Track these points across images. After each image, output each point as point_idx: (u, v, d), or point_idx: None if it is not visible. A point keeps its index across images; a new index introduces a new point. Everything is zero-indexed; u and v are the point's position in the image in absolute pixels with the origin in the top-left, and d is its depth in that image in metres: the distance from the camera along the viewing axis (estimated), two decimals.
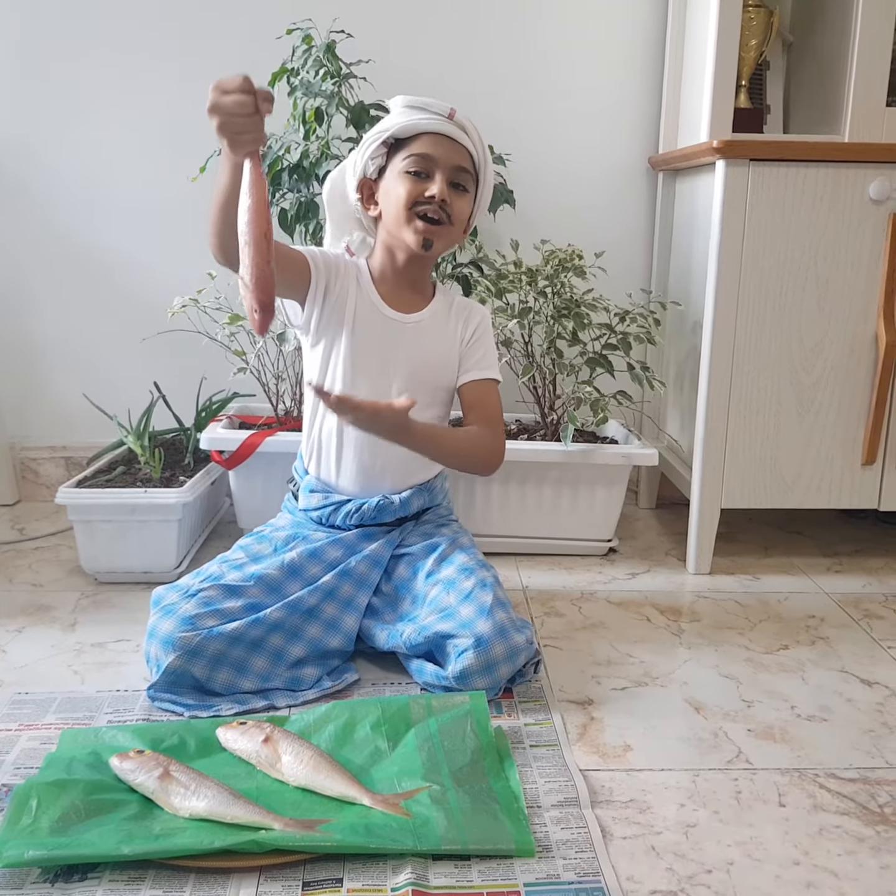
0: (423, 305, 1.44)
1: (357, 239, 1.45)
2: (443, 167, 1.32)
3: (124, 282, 2.02)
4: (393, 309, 1.41)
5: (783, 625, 1.52)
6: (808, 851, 0.96)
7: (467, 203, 1.37)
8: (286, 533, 1.41)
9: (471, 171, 1.36)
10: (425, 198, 1.31)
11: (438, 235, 1.34)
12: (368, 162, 1.36)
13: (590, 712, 1.23)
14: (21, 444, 2.09)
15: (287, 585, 1.31)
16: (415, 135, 1.32)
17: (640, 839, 0.98)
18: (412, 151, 1.32)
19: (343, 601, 1.33)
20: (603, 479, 1.75)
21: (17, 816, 0.94)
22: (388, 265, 1.41)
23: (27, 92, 1.92)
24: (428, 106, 1.34)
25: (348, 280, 1.40)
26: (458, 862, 0.93)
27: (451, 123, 1.33)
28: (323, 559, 1.36)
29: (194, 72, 1.91)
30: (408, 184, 1.32)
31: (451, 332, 1.45)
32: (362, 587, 1.35)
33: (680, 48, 1.90)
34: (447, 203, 1.32)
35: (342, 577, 1.34)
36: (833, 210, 1.58)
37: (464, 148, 1.34)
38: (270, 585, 1.30)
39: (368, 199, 1.39)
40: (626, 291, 1.91)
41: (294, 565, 1.33)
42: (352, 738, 1.11)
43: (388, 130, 1.33)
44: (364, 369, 1.40)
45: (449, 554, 1.38)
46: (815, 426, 1.67)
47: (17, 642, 1.40)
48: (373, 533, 1.41)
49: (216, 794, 0.97)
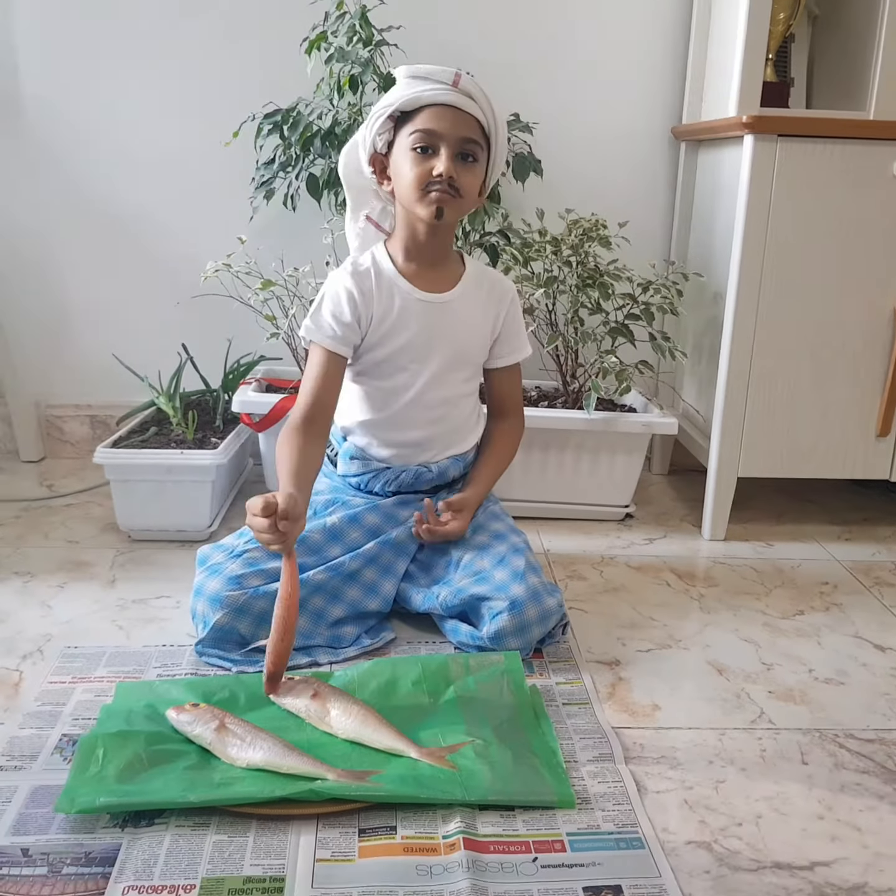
0: (454, 281, 1.44)
1: (377, 208, 1.46)
2: (448, 141, 1.29)
3: (153, 243, 2.04)
4: (423, 290, 1.41)
5: (798, 591, 1.58)
6: (832, 807, 1.02)
7: (475, 175, 1.34)
8: (325, 497, 1.45)
9: (478, 139, 1.32)
10: (433, 177, 1.29)
11: (449, 205, 1.32)
12: (376, 137, 1.35)
13: (617, 672, 1.29)
14: (46, 402, 2.12)
15: (328, 548, 1.36)
16: (419, 107, 1.30)
17: (673, 793, 1.03)
18: (416, 127, 1.30)
19: (383, 567, 1.38)
20: (623, 447, 1.79)
21: (85, 765, 0.99)
22: (411, 240, 1.40)
23: (55, 52, 1.92)
24: (431, 75, 1.30)
25: (368, 300, 1.39)
26: (504, 812, 0.98)
27: (456, 92, 1.29)
28: (362, 524, 1.40)
29: (227, 33, 1.92)
30: (415, 164, 1.30)
31: (483, 309, 1.46)
32: (401, 555, 1.40)
33: (706, 19, 1.91)
34: (454, 179, 1.30)
35: (383, 545, 1.38)
36: (857, 186, 1.61)
37: (470, 116, 1.30)
38: (311, 548, 1.35)
39: (381, 173, 1.38)
40: (649, 261, 1.93)
41: (335, 529, 1.38)
42: (395, 694, 1.16)
43: (392, 105, 1.31)
44: (403, 356, 1.41)
45: (481, 521, 1.44)
46: (833, 397, 1.71)
47: (61, 597, 1.45)
48: (409, 500, 1.45)
49: (271, 745, 1.02)
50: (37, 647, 1.29)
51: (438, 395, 1.44)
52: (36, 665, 1.25)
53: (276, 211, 1.86)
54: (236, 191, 1.91)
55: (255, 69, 1.94)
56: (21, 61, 1.93)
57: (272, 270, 1.82)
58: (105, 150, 1.98)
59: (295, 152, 1.73)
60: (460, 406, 1.48)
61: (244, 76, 1.94)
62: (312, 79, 1.77)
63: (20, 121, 1.96)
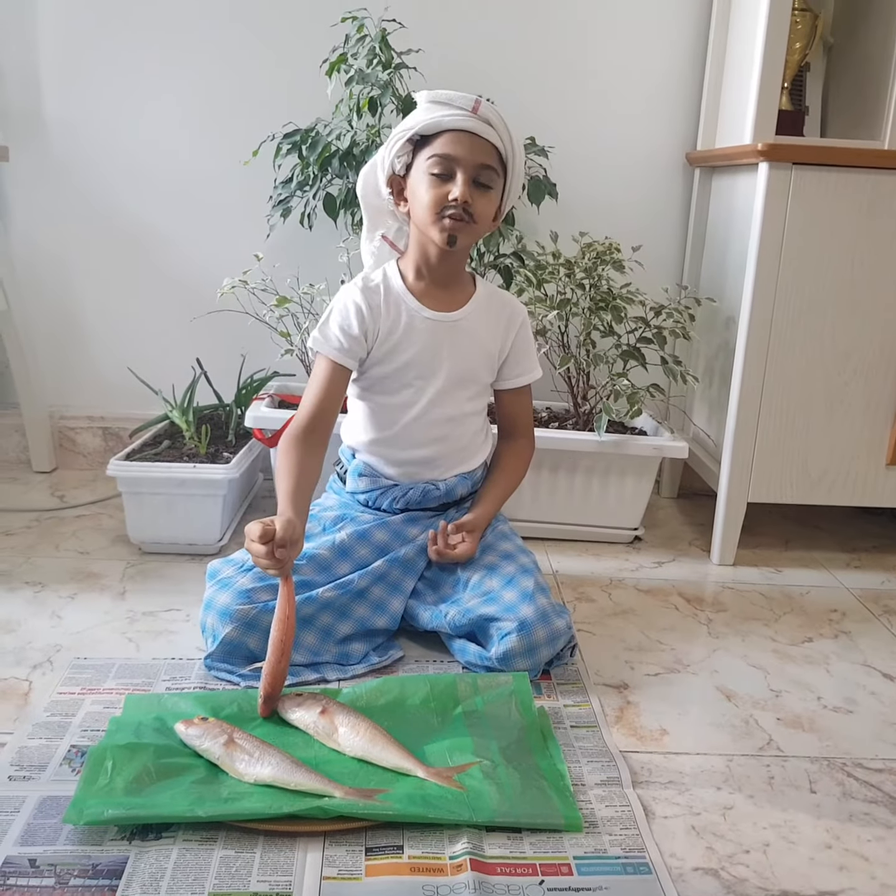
0: (463, 302, 1.45)
1: (393, 228, 1.48)
2: (465, 166, 1.31)
3: (170, 259, 2.06)
4: (431, 309, 1.43)
5: (806, 618, 1.57)
6: (840, 836, 1.02)
7: (490, 201, 1.36)
8: (334, 513, 1.46)
9: (495, 166, 1.34)
10: (448, 201, 1.31)
11: (462, 231, 1.34)
12: (395, 160, 1.37)
13: (625, 696, 1.28)
14: (60, 413, 2.13)
15: (337, 565, 1.37)
16: (438, 132, 1.32)
17: (681, 819, 1.03)
18: (434, 151, 1.32)
19: (391, 584, 1.38)
20: (633, 470, 1.79)
21: (94, 777, 0.99)
22: (423, 262, 1.42)
23: (75, 69, 1.95)
24: (452, 101, 1.32)
25: (376, 315, 1.41)
26: (511, 834, 0.98)
27: (475, 118, 1.31)
28: (371, 541, 1.41)
29: (248, 54, 1.95)
30: (431, 187, 1.32)
31: (492, 330, 1.48)
32: (409, 572, 1.41)
33: (722, 47, 1.92)
34: (469, 204, 1.32)
35: (391, 563, 1.39)
36: (871, 215, 1.62)
37: (488, 143, 1.32)
38: (321, 564, 1.35)
39: (398, 194, 1.40)
40: (661, 285, 1.94)
41: (344, 546, 1.38)
42: (403, 713, 1.16)
43: (412, 129, 1.33)
44: (409, 373, 1.43)
45: (490, 541, 1.44)
46: (843, 425, 1.71)
47: (71, 608, 1.45)
48: (417, 517, 1.46)
49: (279, 761, 1.02)
50: (46, 658, 1.30)
51: (444, 413, 1.45)
52: (45, 675, 1.25)
53: (293, 229, 1.88)
54: (254, 209, 1.93)
55: (275, 90, 1.96)
56: (43, 81, 1.95)
57: (287, 287, 1.83)
58: (123, 168, 2.01)
59: (313, 172, 1.75)
60: (466, 424, 1.48)
61: (264, 96, 1.96)
62: (332, 100, 1.79)
63: (41, 139, 1.98)
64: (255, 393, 1.89)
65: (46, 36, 1.93)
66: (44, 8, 1.91)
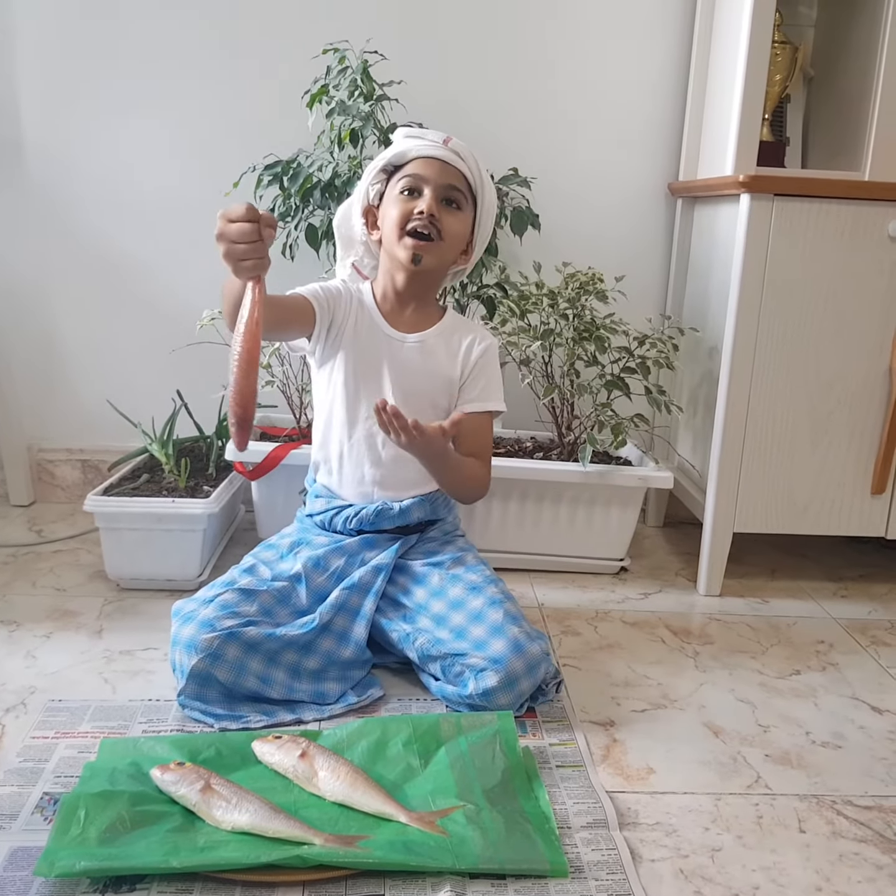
0: (428, 326, 1.48)
1: (363, 258, 1.51)
2: (433, 185, 1.38)
3: (149, 289, 2.04)
4: (395, 329, 1.46)
5: (794, 650, 1.56)
6: (830, 878, 1.00)
7: (459, 221, 1.41)
8: (291, 539, 1.48)
9: (463, 190, 1.41)
10: (415, 214, 1.37)
11: (427, 250, 1.38)
12: (369, 188, 1.44)
13: (612, 734, 1.26)
14: (38, 446, 2.10)
15: (295, 595, 1.37)
16: (410, 160, 1.40)
17: (668, 862, 1.01)
18: (405, 173, 1.39)
19: (352, 611, 1.37)
20: (618, 500, 1.78)
21: (66, 826, 0.96)
22: (390, 286, 1.46)
23: (55, 96, 1.94)
24: (424, 135, 1.42)
25: (350, 306, 1.46)
26: (495, 881, 0.95)
27: (445, 149, 1.39)
28: (326, 567, 1.41)
29: (229, 84, 1.94)
30: (400, 204, 1.38)
31: (452, 356, 1.48)
32: (368, 594, 1.39)
33: (703, 78, 1.93)
34: (436, 218, 1.37)
35: (349, 590, 1.38)
36: (853, 246, 1.62)
37: (457, 170, 1.40)
38: (281, 593, 1.36)
39: (372, 225, 1.46)
40: (645, 315, 1.94)
41: (299, 576, 1.39)
42: (384, 755, 1.14)
43: (385, 157, 1.42)
44: (364, 388, 1.45)
45: (454, 571, 1.42)
46: (828, 455, 1.71)
47: (46, 648, 1.42)
48: (374, 541, 1.45)
49: (258, 808, 1.00)
50: (20, 700, 1.27)
51: None
52: (19, 718, 1.22)
53: (275, 260, 1.85)
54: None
55: (256, 120, 1.96)
56: (23, 109, 1.94)
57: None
58: (104, 197, 1.99)
59: (294, 203, 1.74)
60: None
61: (245, 127, 1.96)
62: (313, 131, 1.79)
63: (20, 167, 1.97)
64: None
65: (26, 63, 1.92)
66: (23, 35, 1.90)
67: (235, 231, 1.05)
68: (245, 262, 1.07)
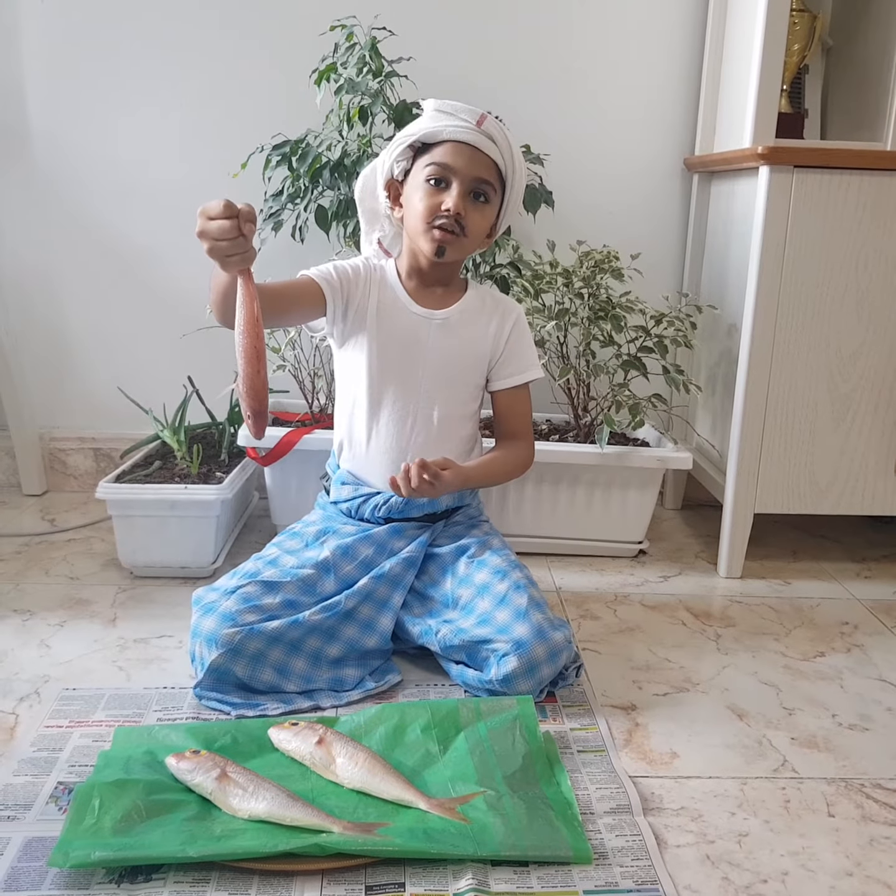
0: (454, 302, 1.44)
1: (389, 234, 1.46)
2: (461, 178, 1.31)
3: (159, 275, 2.02)
4: (421, 305, 1.42)
5: (818, 631, 1.53)
6: (860, 862, 0.97)
7: (484, 216, 1.36)
8: (317, 528, 1.44)
9: (493, 181, 1.34)
10: (441, 211, 1.31)
11: (451, 244, 1.34)
12: (394, 164, 1.37)
13: (634, 718, 1.24)
14: (50, 435, 2.09)
15: (321, 583, 1.34)
16: (439, 141, 1.32)
17: (694, 847, 0.99)
18: (433, 160, 1.32)
19: (379, 602, 1.34)
20: (636, 482, 1.75)
21: (81, 816, 0.95)
22: (414, 266, 1.42)
23: (60, 84, 1.92)
24: (457, 111, 1.32)
25: (370, 284, 1.41)
26: (517, 868, 0.93)
27: (478, 132, 1.31)
28: (355, 556, 1.37)
29: (235, 64, 1.91)
30: (426, 195, 1.32)
31: (483, 329, 1.45)
32: (397, 588, 1.36)
33: (719, 50, 1.89)
34: (462, 216, 1.31)
35: (378, 579, 1.35)
36: (874, 218, 1.58)
37: (488, 157, 1.32)
38: (306, 583, 1.32)
39: (395, 199, 1.40)
40: (661, 293, 1.91)
41: (327, 563, 1.35)
42: (403, 741, 1.12)
43: (414, 135, 1.33)
44: (391, 368, 1.41)
45: (480, 556, 1.39)
46: (851, 433, 1.67)
47: (60, 636, 1.41)
48: (402, 529, 1.42)
49: (274, 795, 0.98)
50: (34, 689, 1.25)
51: (427, 414, 1.42)
52: (33, 708, 1.21)
53: (285, 242, 1.84)
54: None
55: (263, 100, 1.93)
56: (28, 96, 1.92)
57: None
58: (111, 183, 1.97)
59: (303, 184, 1.71)
60: (452, 428, 1.45)
61: (253, 107, 1.93)
62: (322, 110, 1.76)
63: (27, 155, 1.95)
64: None
65: (32, 50, 1.90)
66: (29, 22, 1.88)
67: (216, 228, 1.04)
68: (231, 258, 1.06)
